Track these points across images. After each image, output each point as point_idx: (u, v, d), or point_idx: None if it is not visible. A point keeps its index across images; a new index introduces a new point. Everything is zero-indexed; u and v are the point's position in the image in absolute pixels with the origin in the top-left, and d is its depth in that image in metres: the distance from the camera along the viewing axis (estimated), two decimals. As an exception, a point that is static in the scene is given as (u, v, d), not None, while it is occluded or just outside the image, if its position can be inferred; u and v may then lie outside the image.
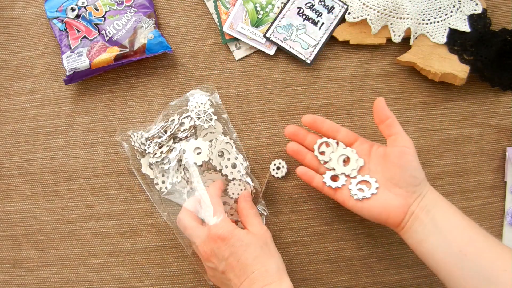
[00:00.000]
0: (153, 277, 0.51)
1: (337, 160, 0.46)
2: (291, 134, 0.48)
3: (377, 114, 0.45)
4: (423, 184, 0.42)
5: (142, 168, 0.51)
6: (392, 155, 0.43)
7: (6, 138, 0.54)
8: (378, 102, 0.45)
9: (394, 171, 0.42)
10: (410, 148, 0.42)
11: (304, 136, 0.48)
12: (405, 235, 0.42)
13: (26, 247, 0.52)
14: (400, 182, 0.42)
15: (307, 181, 0.47)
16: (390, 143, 0.43)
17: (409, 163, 0.42)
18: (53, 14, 0.54)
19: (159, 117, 0.53)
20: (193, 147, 0.48)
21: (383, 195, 0.43)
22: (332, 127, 0.47)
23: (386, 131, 0.44)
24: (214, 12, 0.56)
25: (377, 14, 0.53)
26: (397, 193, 0.42)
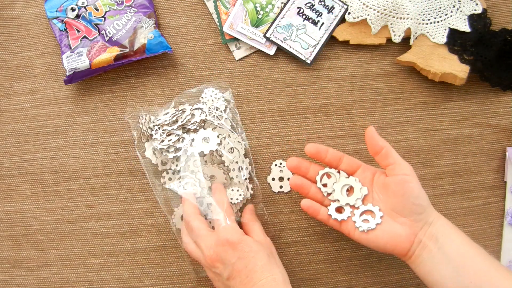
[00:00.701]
0: (153, 277, 0.51)
1: (341, 190, 0.45)
2: (293, 167, 0.46)
3: (370, 146, 0.44)
4: (429, 211, 0.41)
5: (146, 152, 0.51)
6: (392, 185, 0.41)
7: (6, 138, 0.54)
8: (369, 132, 0.44)
9: (396, 200, 0.41)
10: (410, 175, 0.41)
11: (306, 168, 0.46)
12: (413, 265, 0.41)
13: (26, 247, 0.52)
14: (404, 211, 0.41)
15: (313, 215, 0.45)
16: (389, 172, 0.42)
17: (411, 192, 0.40)
18: (53, 14, 0.54)
19: (171, 103, 0.53)
20: (202, 136, 0.49)
21: (388, 225, 0.41)
22: (335, 156, 0.46)
23: (383, 162, 0.43)
24: (214, 12, 0.56)
25: (377, 14, 0.54)
26: (402, 222, 0.41)
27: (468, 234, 0.51)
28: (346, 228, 0.43)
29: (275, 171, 0.53)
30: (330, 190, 0.45)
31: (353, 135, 0.54)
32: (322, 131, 0.54)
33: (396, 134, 0.54)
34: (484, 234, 0.52)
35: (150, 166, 0.51)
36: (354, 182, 0.44)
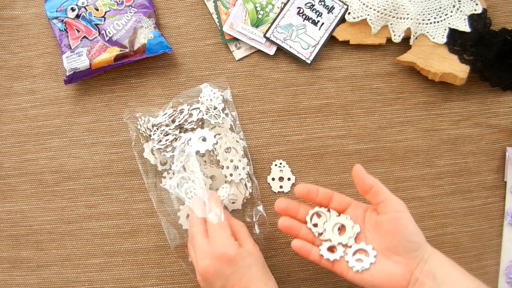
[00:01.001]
0: (153, 277, 0.51)
1: (332, 229, 0.43)
2: (282, 210, 0.44)
3: (359, 185, 0.42)
4: (424, 246, 0.40)
5: (145, 153, 0.51)
6: (384, 224, 0.40)
7: (6, 138, 0.54)
8: (357, 171, 0.42)
9: (390, 239, 0.39)
10: (402, 211, 0.39)
11: (296, 209, 0.44)
12: None
13: (26, 247, 0.52)
14: (398, 250, 0.39)
15: (304, 256, 0.43)
16: (381, 210, 0.41)
17: (404, 229, 0.39)
18: (53, 14, 0.54)
19: (169, 104, 0.53)
20: (199, 136, 0.49)
21: (383, 264, 0.40)
22: (325, 194, 0.44)
23: (374, 200, 0.41)
24: (214, 12, 0.56)
25: (377, 14, 0.54)
26: (397, 260, 0.39)
27: (468, 234, 0.52)
28: (339, 268, 0.42)
29: (275, 171, 0.53)
30: (321, 230, 0.43)
31: (353, 135, 0.54)
32: (322, 131, 0.54)
33: (396, 134, 0.54)
34: (484, 234, 0.52)
35: (149, 167, 0.51)
36: (345, 220, 0.43)
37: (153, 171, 0.51)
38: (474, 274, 0.51)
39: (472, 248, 0.52)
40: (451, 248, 0.52)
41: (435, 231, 0.52)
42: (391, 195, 0.41)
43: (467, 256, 0.52)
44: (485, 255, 0.52)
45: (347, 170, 0.53)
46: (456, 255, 0.52)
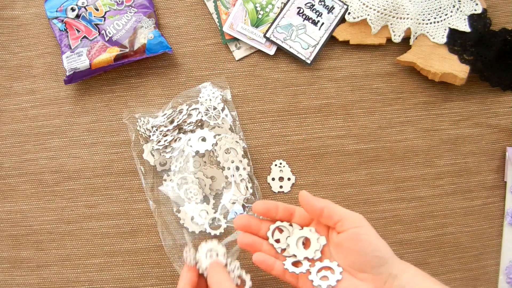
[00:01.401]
0: (153, 277, 0.51)
1: (296, 244, 0.40)
2: (242, 227, 0.41)
3: (309, 211, 0.40)
4: (391, 262, 0.37)
5: (144, 154, 0.51)
6: (344, 242, 0.38)
7: (6, 138, 0.54)
8: (303, 197, 0.40)
9: (353, 257, 0.37)
10: (362, 226, 0.38)
11: (257, 226, 0.42)
12: None
13: (26, 247, 0.52)
14: (363, 267, 0.37)
15: (266, 270, 0.40)
16: (339, 229, 0.38)
17: (367, 245, 0.37)
18: (53, 14, 0.54)
19: (168, 104, 0.53)
20: (198, 136, 0.49)
21: (349, 282, 0.37)
22: (287, 211, 0.41)
23: (329, 222, 0.39)
24: (214, 12, 0.56)
25: (377, 14, 0.54)
26: (364, 278, 0.37)
27: (468, 234, 0.52)
28: (305, 285, 0.39)
29: (275, 171, 0.53)
30: (284, 246, 0.41)
31: (353, 135, 0.54)
32: (322, 131, 0.54)
33: (396, 134, 0.54)
34: (484, 234, 0.52)
35: (148, 167, 0.51)
36: (309, 233, 0.40)
37: (152, 172, 0.51)
38: (474, 274, 0.51)
39: (472, 248, 0.52)
40: (451, 248, 0.52)
41: (435, 231, 0.52)
42: (346, 211, 0.38)
43: (467, 256, 0.52)
44: (485, 255, 0.52)
45: (347, 170, 0.53)
46: (456, 255, 0.52)
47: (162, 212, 0.50)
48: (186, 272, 0.41)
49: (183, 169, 0.50)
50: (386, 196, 0.53)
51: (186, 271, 0.41)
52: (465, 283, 0.51)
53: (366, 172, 0.53)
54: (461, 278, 0.51)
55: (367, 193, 0.53)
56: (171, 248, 0.49)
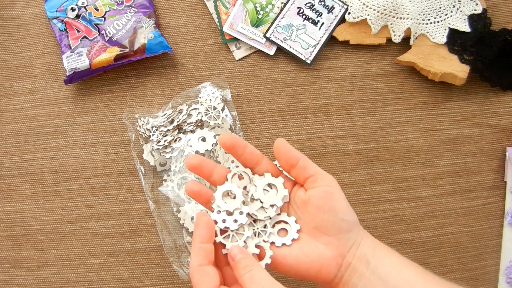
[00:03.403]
0: (153, 277, 0.51)
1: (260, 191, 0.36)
2: (193, 167, 0.36)
3: (283, 158, 0.36)
4: (357, 229, 0.35)
5: (144, 154, 0.51)
6: (314, 199, 0.34)
7: (6, 138, 0.54)
8: (280, 143, 0.36)
9: (321, 216, 0.34)
10: (334, 187, 0.35)
11: (210, 169, 0.36)
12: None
13: (26, 247, 0.52)
14: (330, 229, 0.34)
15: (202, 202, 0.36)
16: (309, 185, 0.35)
17: (338, 205, 0.34)
18: (53, 14, 0.54)
19: (168, 104, 0.53)
20: (198, 136, 0.49)
21: (311, 246, 0.34)
22: (254, 156, 0.37)
23: (301, 175, 0.36)
24: (214, 12, 0.56)
25: (377, 14, 0.54)
26: (327, 242, 0.34)
27: (468, 234, 0.52)
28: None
29: (275, 171, 0.53)
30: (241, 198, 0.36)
31: (353, 135, 0.54)
32: (322, 131, 0.54)
33: (396, 134, 0.54)
34: (484, 234, 0.52)
35: (148, 168, 0.51)
36: (276, 180, 0.36)
37: (152, 172, 0.51)
38: (474, 274, 0.51)
39: (472, 248, 0.52)
40: (451, 248, 0.52)
41: (435, 231, 0.52)
42: (321, 170, 0.36)
43: (467, 256, 0.52)
44: (485, 255, 0.52)
45: (347, 170, 0.53)
46: (456, 255, 0.52)
47: (161, 212, 0.50)
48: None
49: (183, 169, 0.50)
50: (386, 196, 0.53)
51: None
52: (465, 283, 0.51)
53: (366, 172, 0.53)
54: (461, 278, 0.51)
55: (367, 193, 0.53)
56: (170, 248, 0.49)
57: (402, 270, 0.34)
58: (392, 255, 0.35)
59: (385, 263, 0.34)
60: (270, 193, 0.36)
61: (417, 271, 0.34)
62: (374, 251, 0.35)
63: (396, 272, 0.34)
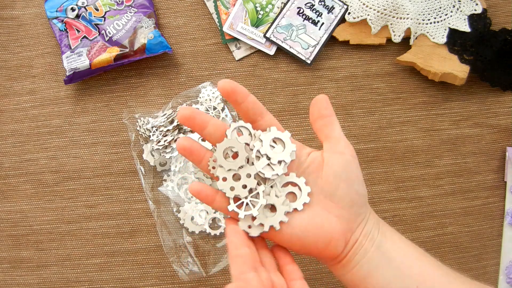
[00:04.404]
0: (153, 277, 0.51)
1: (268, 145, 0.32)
2: (185, 118, 0.31)
3: (316, 109, 0.33)
4: (366, 204, 0.33)
5: (144, 154, 0.51)
6: (335, 165, 0.32)
7: (6, 138, 0.54)
8: (322, 98, 0.34)
9: (337, 185, 0.31)
10: (354, 157, 0.33)
11: (204, 121, 0.32)
12: (342, 270, 0.33)
13: (26, 247, 0.52)
14: (343, 200, 0.32)
15: (208, 202, 0.32)
16: (330, 148, 0.33)
17: (356, 177, 0.32)
18: (53, 14, 0.54)
19: (168, 104, 0.53)
20: (198, 136, 0.49)
21: (321, 216, 0.31)
22: (256, 108, 0.33)
23: (324, 131, 0.33)
24: (214, 12, 0.56)
25: (377, 14, 0.54)
26: (339, 214, 0.32)
27: (468, 234, 0.52)
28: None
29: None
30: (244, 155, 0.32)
31: (353, 135, 0.54)
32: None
33: (396, 134, 0.54)
34: (484, 234, 0.52)
35: (148, 168, 0.51)
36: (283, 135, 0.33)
37: (152, 172, 0.51)
38: (474, 274, 0.51)
39: (472, 248, 0.52)
40: (451, 248, 0.52)
41: (435, 231, 0.52)
42: (345, 137, 0.33)
43: (467, 256, 0.52)
44: (485, 255, 0.52)
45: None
46: (456, 255, 0.52)
47: (161, 212, 0.50)
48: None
49: (183, 169, 0.50)
50: (386, 196, 0.53)
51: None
52: (465, 283, 0.51)
53: (366, 172, 0.53)
54: (461, 278, 0.51)
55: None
56: (170, 248, 0.49)
57: (404, 249, 0.33)
58: (394, 234, 0.34)
59: (388, 241, 0.32)
60: (277, 149, 0.32)
61: (419, 252, 0.33)
62: (379, 228, 0.33)
63: (399, 250, 0.32)
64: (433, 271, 0.32)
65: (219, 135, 0.32)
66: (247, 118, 0.33)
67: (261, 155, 0.32)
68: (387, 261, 0.31)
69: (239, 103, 0.32)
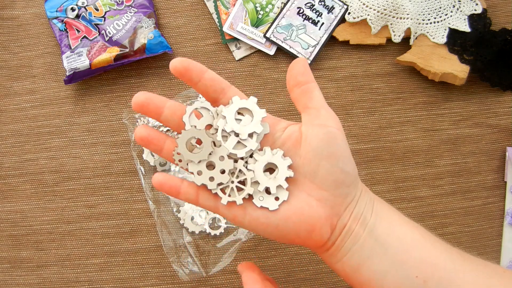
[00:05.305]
0: (153, 277, 0.51)
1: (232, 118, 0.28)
2: (138, 106, 0.28)
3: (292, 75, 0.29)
4: (355, 183, 0.29)
5: (144, 154, 0.51)
6: (314, 140, 0.27)
7: (6, 138, 0.54)
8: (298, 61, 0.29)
9: (317, 163, 0.27)
10: (339, 129, 0.28)
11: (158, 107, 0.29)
12: (332, 259, 0.29)
13: (26, 247, 0.52)
14: (326, 181, 0.27)
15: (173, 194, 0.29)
16: (309, 120, 0.28)
17: (341, 152, 0.28)
18: (53, 14, 0.54)
19: None
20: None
21: (300, 201, 0.28)
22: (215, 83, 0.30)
23: (301, 100, 0.29)
24: (214, 12, 0.56)
25: (377, 14, 0.54)
26: (321, 197, 0.28)
27: (468, 234, 0.52)
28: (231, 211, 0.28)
29: (275, 171, 0.52)
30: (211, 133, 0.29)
31: (353, 135, 0.54)
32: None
33: (396, 134, 0.54)
34: (484, 234, 0.52)
35: (148, 168, 0.51)
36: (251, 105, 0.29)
37: (152, 172, 0.51)
38: (474, 274, 0.51)
39: (472, 248, 0.52)
40: (451, 248, 0.52)
41: (435, 231, 0.52)
42: (327, 106, 0.29)
43: (467, 256, 0.52)
44: (485, 255, 0.52)
45: (347, 170, 0.53)
46: (456, 255, 0.52)
47: (161, 212, 0.50)
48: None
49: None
50: (386, 196, 0.53)
51: None
52: (465, 283, 0.51)
53: (366, 172, 0.53)
54: (461, 278, 0.51)
55: (367, 193, 0.53)
56: (170, 248, 0.49)
57: (402, 232, 0.28)
58: (392, 213, 0.29)
59: (383, 224, 0.28)
60: (244, 121, 0.28)
61: (421, 234, 0.29)
62: (372, 208, 0.29)
63: (395, 234, 0.28)
64: (436, 255, 0.27)
65: (177, 119, 0.29)
66: (208, 97, 0.30)
67: (228, 133, 0.28)
68: (382, 248, 0.27)
69: (195, 82, 0.29)
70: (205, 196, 0.29)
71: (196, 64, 0.29)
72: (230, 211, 0.28)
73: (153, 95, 0.29)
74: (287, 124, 0.30)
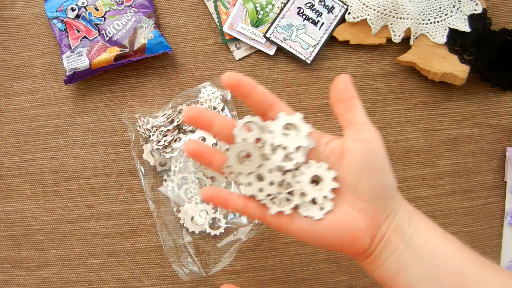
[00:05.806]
0: (153, 277, 0.51)
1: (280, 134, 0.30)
2: (190, 118, 0.31)
3: (335, 92, 0.32)
4: (396, 196, 0.30)
5: (144, 154, 0.51)
6: (356, 153, 0.29)
7: (6, 138, 0.54)
8: (341, 79, 0.32)
9: (360, 177, 0.29)
10: (379, 144, 0.30)
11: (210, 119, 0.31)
12: (371, 266, 0.30)
13: (26, 247, 0.52)
14: (367, 194, 0.29)
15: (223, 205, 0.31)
16: (351, 135, 0.30)
17: (381, 166, 0.29)
18: (53, 14, 0.54)
19: (168, 104, 0.53)
20: (198, 136, 0.49)
21: (342, 212, 0.30)
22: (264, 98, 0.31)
23: (345, 116, 0.31)
24: (214, 12, 0.56)
25: (377, 14, 0.54)
26: (362, 208, 0.29)
27: (468, 234, 0.52)
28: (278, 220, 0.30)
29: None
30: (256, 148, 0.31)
31: (353, 135, 0.54)
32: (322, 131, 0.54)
33: (396, 134, 0.54)
34: (484, 234, 0.52)
35: (148, 168, 0.51)
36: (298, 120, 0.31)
37: (152, 172, 0.51)
38: (474, 274, 0.51)
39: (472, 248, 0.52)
40: (451, 248, 0.52)
41: (435, 231, 0.52)
42: (368, 120, 0.31)
43: (467, 256, 0.52)
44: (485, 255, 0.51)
45: (347, 170, 0.53)
46: (456, 255, 0.52)
47: (161, 212, 0.50)
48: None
49: (183, 169, 0.50)
50: (386, 196, 0.53)
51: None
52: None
53: (366, 172, 0.53)
54: (461, 278, 0.51)
55: (367, 193, 0.53)
56: (170, 248, 0.49)
57: (439, 245, 0.29)
58: (430, 227, 0.30)
59: (420, 236, 0.29)
60: (291, 135, 0.30)
61: (456, 247, 0.30)
62: (410, 220, 0.30)
63: (432, 247, 0.29)
64: (469, 269, 0.29)
65: (227, 133, 0.31)
66: (257, 111, 0.31)
67: (276, 147, 0.30)
68: (418, 260, 0.29)
69: (246, 97, 0.31)
70: (253, 206, 0.31)
71: (247, 80, 0.30)
72: (278, 220, 0.30)
73: (202, 109, 0.31)
74: (331, 138, 0.32)
